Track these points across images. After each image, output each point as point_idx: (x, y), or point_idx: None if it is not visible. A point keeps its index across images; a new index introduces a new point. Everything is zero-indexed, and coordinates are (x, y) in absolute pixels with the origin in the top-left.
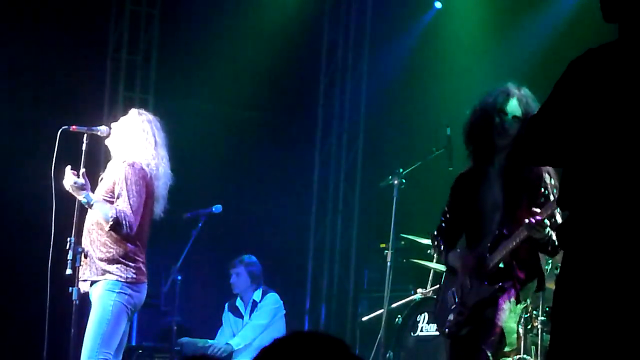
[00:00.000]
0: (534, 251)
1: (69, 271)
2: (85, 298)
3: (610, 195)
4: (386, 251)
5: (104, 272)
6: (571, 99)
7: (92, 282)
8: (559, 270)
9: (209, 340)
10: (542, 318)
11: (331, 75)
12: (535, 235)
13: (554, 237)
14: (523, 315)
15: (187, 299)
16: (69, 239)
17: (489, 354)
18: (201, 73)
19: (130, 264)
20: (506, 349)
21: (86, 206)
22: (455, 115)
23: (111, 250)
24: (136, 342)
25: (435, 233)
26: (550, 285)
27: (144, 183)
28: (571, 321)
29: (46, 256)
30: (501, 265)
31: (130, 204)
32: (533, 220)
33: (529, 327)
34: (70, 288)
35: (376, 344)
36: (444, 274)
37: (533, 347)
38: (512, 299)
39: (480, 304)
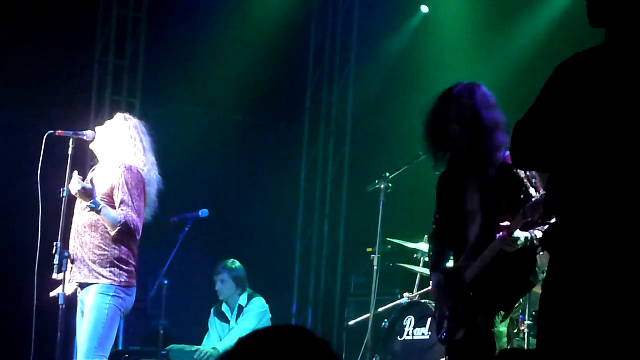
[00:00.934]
0: (523, 254)
1: (55, 275)
2: (71, 302)
3: (597, 200)
4: (373, 255)
5: (98, 275)
6: (558, 103)
7: (84, 285)
8: (545, 274)
9: (195, 346)
10: (529, 322)
11: (318, 79)
12: (508, 249)
13: (540, 236)
14: (513, 317)
15: (173, 303)
16: (55, 244)
17: None
18: (188, 77)
19: (123, 267)
20: (497, 354)
21: (93, 211)
22: None
23: (105, 252)
24: (123, 347)
25: (430, 236)
26: (537, 289)
27: (142, 187)
28: (557, 325)
29: (33, 260)
30: (485, 275)
31: (135, 208)
32: (500, 237)
33: (516, 331)
34: (57, 292)
35: (363, 348)
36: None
37: None
38: (505, 306)
39: (470, 313)
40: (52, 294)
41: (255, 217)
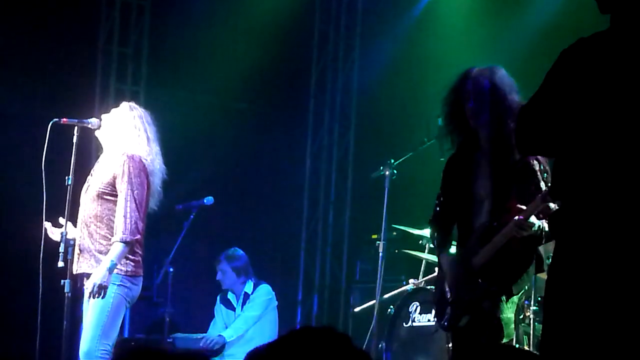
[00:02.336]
0: (530, 242)
1: (60, 264)
2: (78, 291)
3: (603, 185)
4: (378, 242)
5: None
6: (563, 88)
7: (88, 275)
8: (550, 260)
9: (201, 334)
10: (535, 308)
11: (322, 66)
12: (522, 234)
13: (547, 229)
14: (518, 304)
15: (179, 290)
16: (60, 232)
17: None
18: (192, 65)
19: (129, 256)
20: (504, 340)
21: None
22: None
23: (110, 242)
24: (128, 334)
25: (431, 219)
26: (542, 274)
27: (145, 175)
28: (563, 311)
29: (38, 249)
30: (494, 260)
31: (135, 198)
32: (517, 219)
33: (521, 316)
34: (62, 281)
35: (368, 334)
36: (438, 268)
37: (525, 337)
38: (510, 293)
39: (476, 299)
40: None
41: (261, 205)
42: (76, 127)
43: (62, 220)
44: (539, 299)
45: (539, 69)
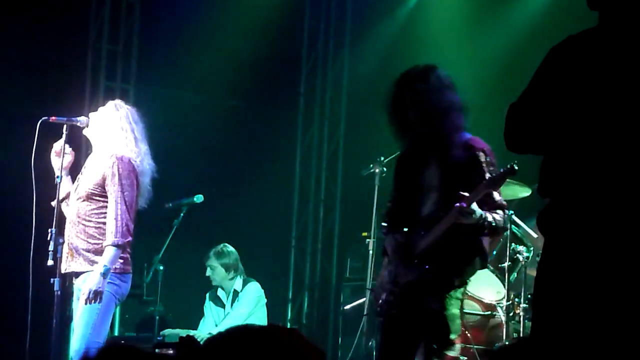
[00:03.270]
0: (472, 232)
1: (50, 262)
2: (67, 289)
3: (592, 183)
4: (368, 239)
5: (93, 262)
6: (552, 86)
7: (78, 274)
8: (540, 257)
9: (191, 331)
10: (524, 305)
11: (312, 63)
12: (464, 220)
13: (489, 219)
14: (463, 299)
15: (169, 289)
16: (50, 230)
17: (435, 346)
18: (182, 62)
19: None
20: (452, 337)
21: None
22: None
23: (100, 241)
24: (118, 333)
25: (383, 215)
26: (532, 272)
27: (134, 176)
28: (552, 308)
29: (27, 247)
30: (436, 247)
31: (125, 199)
32: (458, 206)
33: (511, 314)
34: (52, 279)
35: (359, 332)
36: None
37: (515, 335)
38: (452, 285)
39: (410, 284)
40: None
41: (251, 202)
42: (65, 125)
43: (53, 204)
44: (529, 296)
45: (528, 65)
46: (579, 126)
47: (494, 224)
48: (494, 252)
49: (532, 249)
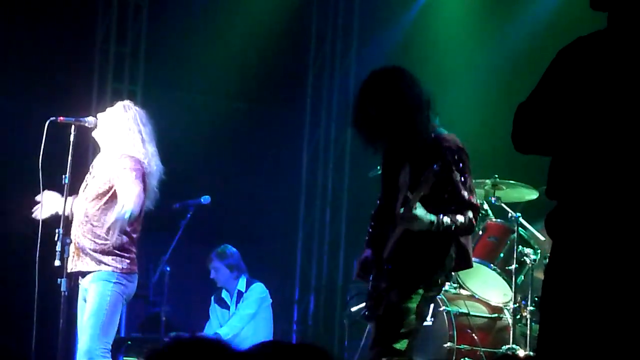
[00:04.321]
0: (433, 235)
1: (57, 262)
2: (73, 289)
3: (600, 185)
4: None
5: (100, 262)
6: (560, 87)
7: (84, 274)
8: (547, 260)
9: (198, 333)
10: (531, 308)
11: (319, 65)
12: (410, 227)
13: (447, 223)
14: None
15: (175, 289)
16: (57, 230)
17: (385, 338)
18: (189, 64)
19: (124, 254)
20: (402, 330)
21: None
22: (442, 104)
23: (107, 241)
24: (125, 334)
25: (371, 215)
26: (539, 274)
27: (142, 176)
28: (560, 311)
29: (34, 248)
30: (397, 250)
31: (136, 194)
32: (401, 213)
33: (518, 317)
34: (59, 279)
35: (365, 334)
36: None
37: (522, 338)
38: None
39: (385, 289)
40: None
41: (257, 204)
42: (73, 126)
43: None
44: (536, 299)
45: (537, 66)
46: (588, 128)
47: (453, 228)
48: (501, 255)
49: (539, 251)
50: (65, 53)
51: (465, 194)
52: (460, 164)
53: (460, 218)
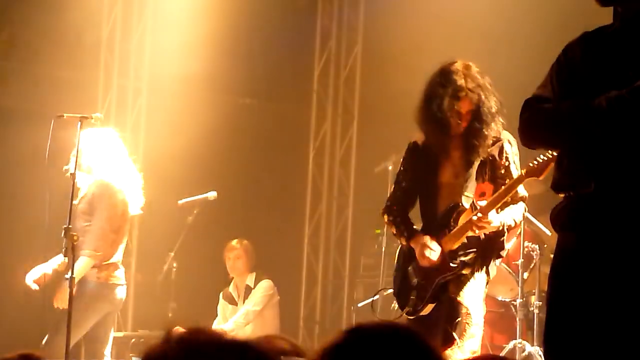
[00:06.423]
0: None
1: (66, 272)
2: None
3: (606, 179)
4: (381, 236)
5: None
6: (567, 81)
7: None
8: (553, 254)
9: None
10: (538, 302)
11: (325, 60)
12: (482, 233)
13: (509, 222)
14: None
15: (182, 285)
16: (63, 227)
17: (456, 336)
18: (195, 60)
19: (110, 267)
20: (472, 329)
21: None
22: None
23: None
24: (132, 329)
25: (389, 203)
26: (545, 269)
27: (113, 201)
28: (566, 305)
29: (40, 242)
30: (463, 246)
31: (99, 227)
32: (475, 219)
33: (525, 311)
34: (65, 276)
35: None
36: (399, 250)
37: (529, 332)
38: (479, 274)
39: (444, 282)
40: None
41: (264, 199)
42: (79, 122)
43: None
44: (542, 294)
45: (544, 62)
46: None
47: (513, 225)
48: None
49: (545, 246)
50: (70, 49)
51: (521, 187)
52: (515, 148)
53: (517, 214)
